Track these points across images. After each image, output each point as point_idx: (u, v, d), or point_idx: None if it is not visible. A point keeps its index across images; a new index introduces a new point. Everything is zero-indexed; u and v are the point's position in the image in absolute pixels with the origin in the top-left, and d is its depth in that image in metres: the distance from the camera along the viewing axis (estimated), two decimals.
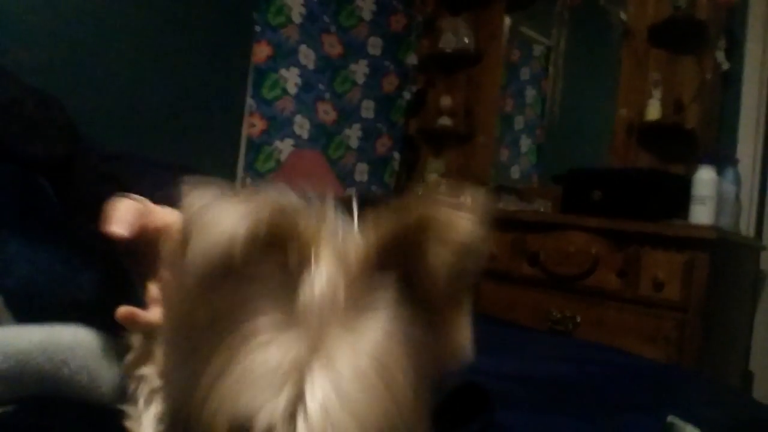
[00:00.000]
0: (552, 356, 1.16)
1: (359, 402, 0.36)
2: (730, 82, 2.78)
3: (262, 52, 3.24)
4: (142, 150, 1.02)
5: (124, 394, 0.60)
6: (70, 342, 0.58)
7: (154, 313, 0.58)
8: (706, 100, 2.76)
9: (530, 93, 3.65)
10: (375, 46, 3.68)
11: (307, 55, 3.40)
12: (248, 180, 3.20)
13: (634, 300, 2.33)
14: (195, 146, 2.99)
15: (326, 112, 3.48)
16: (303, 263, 0.40)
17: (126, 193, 0.62)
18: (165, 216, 0.65)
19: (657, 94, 2.88)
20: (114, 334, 0.62)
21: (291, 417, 0.35)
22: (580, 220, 2.52)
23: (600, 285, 2.42)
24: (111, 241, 0.59)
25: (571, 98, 3.38)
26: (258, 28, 3.22)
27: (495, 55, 3.59)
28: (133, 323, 0.58)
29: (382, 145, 3.75)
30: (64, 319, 0.60)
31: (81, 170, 0.78)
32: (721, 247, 2.27)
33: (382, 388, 0.38)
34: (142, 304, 0.61)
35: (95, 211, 0.59)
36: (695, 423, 0.81)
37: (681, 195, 2.46)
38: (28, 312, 0.59)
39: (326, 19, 3.46)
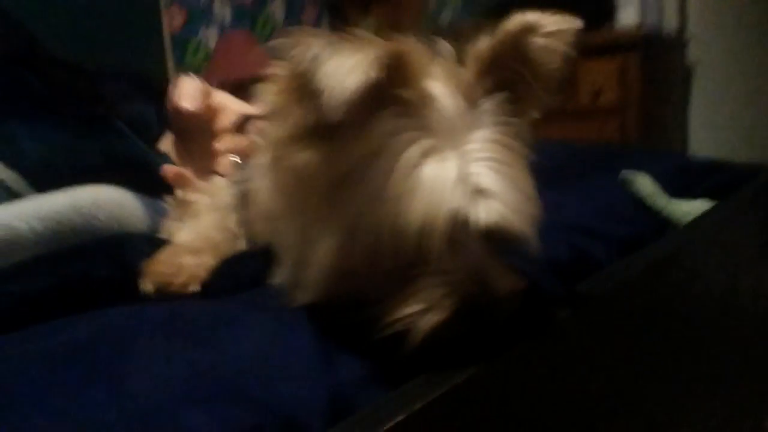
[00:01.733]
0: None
1: (510, 174, 0.46)
2: None
3: (175, 19, 3.08)
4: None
5: (156, 229, 0.67)
6: (94, 198, 0.62)
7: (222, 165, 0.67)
8: None
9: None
10: None
11: (222, 10, 3.25)
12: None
13: (576, 111, 2.43)
14: (119, 52, 2.88)
15: None
16: (424, 88, 0.46)
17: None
18: (221, 97, 0.77)
19: None
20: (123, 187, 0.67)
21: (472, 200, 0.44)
22: None
23: None
24: (108, 115, 0.66)
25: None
26: None
27: None
28: (181, 180, 0.68)
29: (309, 15, 3.66)
30: (80, 183, 0.64)
31: (45, 62, 0.81)
32: (649, 46, 2.36)
33: (518, 167, 0.47)
34: (153, 163, 0.68)
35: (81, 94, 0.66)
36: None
37: (607, 3, 2.51)
38: (47, 183, 0.63)
39: None
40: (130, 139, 0.72)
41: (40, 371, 0.40)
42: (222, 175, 0.70)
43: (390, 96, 0.44)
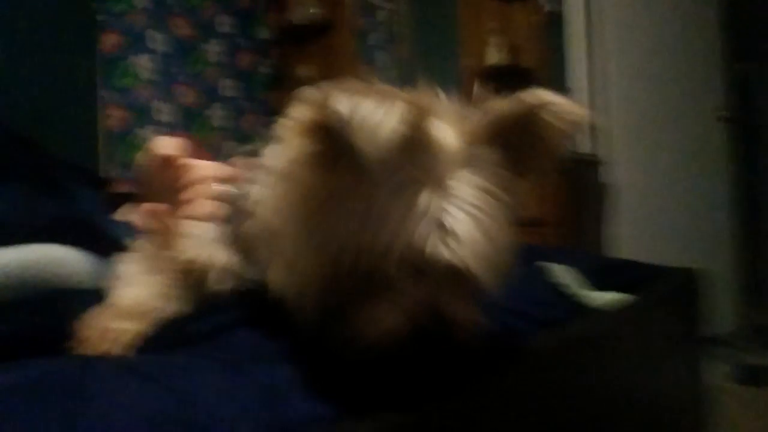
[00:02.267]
0: None
1: (483, 220, 0.50)
2: (555, 22, 3.10)
3: (109, 40, 3.17)
4: None
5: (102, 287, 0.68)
6: (40, 255, 0.63)
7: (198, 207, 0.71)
8: (537, 41, 3.06)
9: (380, 56, 3.82)
10: (225, 24, 3.69)
11: (156, 39, 3.35)
12: (114, 172, 3.13)
13: None
14: (54, 145, 2.87)
15: (184, 95, 3.46)
16: (431, 140, 0.51)
17: None
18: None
19: (494, 40, 3.15)
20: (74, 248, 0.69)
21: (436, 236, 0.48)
22: None
23: None
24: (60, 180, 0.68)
25: (420, 57, 3.58)
26: (101, 17, 3.13)
27: (344, 23, 3.73)
28: (154, 217, 0.72)
29: (248, 121, 3.78)
30: (31, 242, 0.65)
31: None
32: (566, 166, 2.56)
33: (495, 216, 0.51)
34: (103, 226, 0.70)
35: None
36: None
37: None
38: (1, 242, 0.64)
39: (170, 1, 3.43)
40: (80, 201, 0.74)
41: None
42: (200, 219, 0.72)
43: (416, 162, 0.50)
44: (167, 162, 0.81)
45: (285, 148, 0.54)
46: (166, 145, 0.82)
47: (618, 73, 3.01)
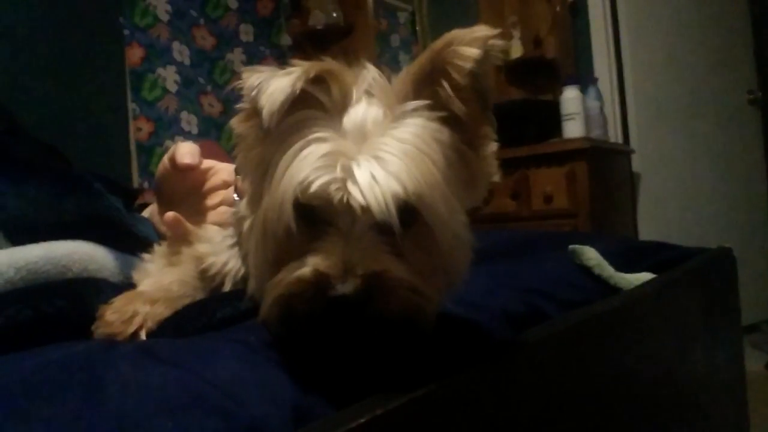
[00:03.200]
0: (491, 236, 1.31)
1: (399, 167, 0.47)
2: (578, 12, 3.06)
3: (135, 55, 3.22)
4: None
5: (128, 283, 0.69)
6: (68, 251, 0.64)
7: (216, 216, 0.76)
8: (560, 32, 3.02)
9: (404, 58, 3.82)
10: (247, 32, 3.73)
11: (181, 51, 3.40)
12: (145, 184, 3.18)
13: (530, 216, 2.55)
14: (85, 160, 2.93)
15: (211, 105, 3.51)
16: (345, 96, 0.52)
17: None
18: (212, 161, 0.87)
19: (516, 33, 3.12)
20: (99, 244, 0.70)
21: (342, 180, 0.47)
22: None
23: (498, 210, 2.62)
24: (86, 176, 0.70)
25: None
26: (127, 32, 3.19)
27: (364, 26, 3.73)
28: (178, 226, 0.73)
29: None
30: (57, 238, 0.66)
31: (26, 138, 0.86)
32: (595, 155, 2.52)
33: (419, 160, 0.49)
34: (128, 223, 0.72)
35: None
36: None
37: (553, 118, 2.71)
38: (23, 238, 0.65)
39: (194, 13, 3.47)
40: (106, 199, 0.75)
41: (14, 382, 0.41)
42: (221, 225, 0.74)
43: (313, 102, 0.52)
44: (188, 168, 0.82)
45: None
46: (186, 152, 0.83)
47: (644, 59, 2.96)
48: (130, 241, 0.72)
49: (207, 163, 0.86)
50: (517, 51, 3.11)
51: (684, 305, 0.98)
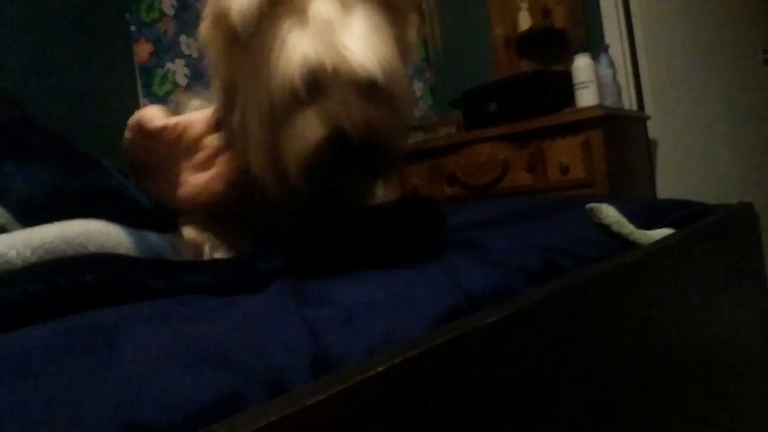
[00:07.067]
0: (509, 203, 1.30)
1: (371, 38, 0.66)
2: None
3: (143, 50, 3.23)
4: None
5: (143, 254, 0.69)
6: (83, 229, 0.64)
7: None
8: (569, 0, 2.98)
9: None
10: None
11: (189, 45, 3.40)
12: None
13: (547, 188, 2.52)
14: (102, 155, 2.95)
15: None
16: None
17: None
18: (177, 117, 0.87)
19: (524, 5, 3.08)
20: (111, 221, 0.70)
21: (335, 46, 0.65)
22: (484, 133, 2.69)
23: (514, 184, 2.60)
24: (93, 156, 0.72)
25: (449, 33, 3.54)
26: (134, 28, 3.20)
27: None
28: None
29: None
30: (67, 218, 0.66)
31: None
32: (610, 123, 2.49)
33: (376, 40, 0.66)
34: (140, 199, 0.72)
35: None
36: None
37: (566, 88, 2.67)
38: (34, 219, 0.65)
39: (199, 5, 3.46)
40: (115, 177, 0.75)
41: (33, 347, 0.41)
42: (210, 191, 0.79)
43: (282, 6, 0.66)
44: (162, 130, 0.81)
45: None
46: (153, 115, 0.82)
47: (656, 23, 2.91)
48: (142, 217, 0.72)
49: (174, 119, 0.84)
50: (525, 23, 3.07)
51: (706, 260, 0.96)
